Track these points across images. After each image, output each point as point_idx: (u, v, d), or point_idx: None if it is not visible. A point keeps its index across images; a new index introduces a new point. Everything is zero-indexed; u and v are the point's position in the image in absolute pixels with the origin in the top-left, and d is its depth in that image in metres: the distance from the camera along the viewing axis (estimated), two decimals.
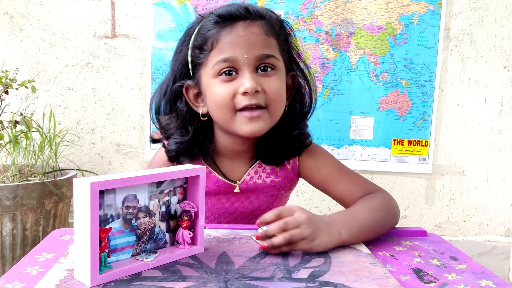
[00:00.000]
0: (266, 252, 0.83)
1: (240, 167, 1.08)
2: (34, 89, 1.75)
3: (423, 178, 2.16)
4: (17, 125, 1.69)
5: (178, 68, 1.02)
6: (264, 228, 0.83)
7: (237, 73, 0.93)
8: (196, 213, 0.80)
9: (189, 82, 1.01)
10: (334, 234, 0.84)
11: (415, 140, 2.10)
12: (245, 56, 0.92)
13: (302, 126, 1.07)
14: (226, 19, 0.94)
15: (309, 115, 1.09)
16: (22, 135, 1.73)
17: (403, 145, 2.10)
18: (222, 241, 0.88)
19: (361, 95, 2.07)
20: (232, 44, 0.92)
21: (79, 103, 2.13)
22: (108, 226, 0.69)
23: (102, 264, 0.68)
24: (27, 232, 1.62)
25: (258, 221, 0.83)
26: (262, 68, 0.94)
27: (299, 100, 1.07)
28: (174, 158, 1.05)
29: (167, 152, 1.05)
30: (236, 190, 1.07)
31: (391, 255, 0.88)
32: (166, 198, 0.78)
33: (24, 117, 1.67)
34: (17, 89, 1.76)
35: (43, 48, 2.10)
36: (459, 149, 2.14)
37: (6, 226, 1.57)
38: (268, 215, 0.83)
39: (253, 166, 1.08)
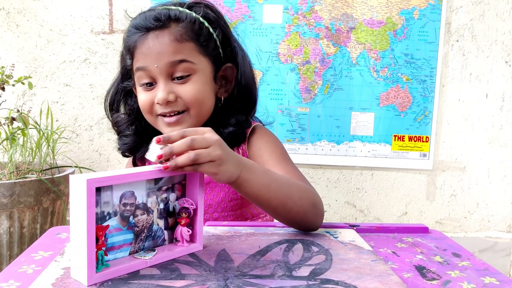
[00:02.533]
0: (266, 249, 0.82)
1: None
2: (30, 86, 1.74)
3: (424, 174, 2.15)
4: (14, 122, 1.68)
5: (122, 68, 1.11)
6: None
7: (155, 82, 0.99)
8: (195, 210, 0.79)
9: (132, 82, 1.08)
10: (238, 168, 0.78)
11: (415, 136, 2.09)
12: (155, 65, 0.97)
13: (239, 117, 1.09)
14: (140, 29, 0.99)
15: (254, 104, 1.13)
16: (19, 132, 1.72)
17: (404, 141, 2.08)
18: (222, 239, 0.87)
19: (362, 90, 2.06)
20: (144, 55, 0.98)
21: (77, 100, 2.12)
22: (105, 224, 0.68)
23: (99, 263, 0.67)
24: (24, 230, 1.61)
25: (159, 137, 0.72)
26: (177, 77, 0.99)
27: (241, 92, 1.09)
28: (129, 152, 1.14)
29: (119, 148, 1.14)
30: None
31: (393, 252, 0.88)
32: (164, 195, 0.77)
33: (21, 113, 1.66)
34: (13, 85, 1.74)
35: (40, 44, 2.09)
36: (460, 145, 2.13)
37: (3, 224, 1.56)
38: (174, 134, 0.72)
39: None
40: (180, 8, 1.01)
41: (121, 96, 1.12)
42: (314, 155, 2.09)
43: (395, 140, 2.09)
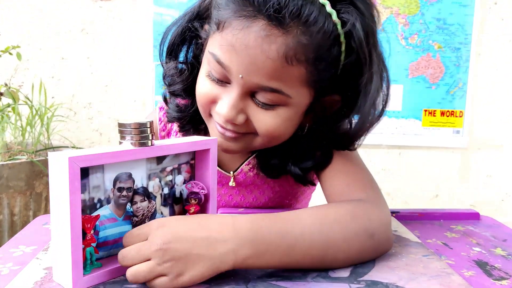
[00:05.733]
0: None
1: (239, 156, 0.91)
2: (19, 56, 1.66)
3: (457, 152, 2.10)
4: (1, 97, 1.59)
5: (200, 7, 0.80)
6: None
7: (229, 84, 0.72)
8: (207, 196, 0.70)
9: (206, 28, 0.79)
10: (223, 257, 0.58)
11: (448, 111, 2.04)
12: (240, 76, 0.69)
13: (323, 153, 0.83)
14: (245, 6, 0.67)
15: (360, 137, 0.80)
16: (9, 109, 1.63)
17: (435, 116, 2.05)
18: None
19: (388, 60, 1.94)
20: (232, 50, 0.68)
21: (74, 74, 2.06)
22: (95, 214, 0.58)
23: (88, 262, 0.57)
24: (15, 217, 1.56)
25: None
26: (259, 101, 0.72)
27: (333, 121, 0.81)
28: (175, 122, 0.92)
29: (167, 114, 0.90)
30: (231, 183, 0.90)
31: (443, 243, 0.78)
32: (169, 178, 0.67)
33: (9, 88, 1.56)
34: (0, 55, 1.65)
35: (33, 14, 2.01)
36: (497, 120, 2.08)
37: None
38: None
39: (253, 155, 0.90)
40: (327, 5, 0.67)
41: (187, 39, 0.82)
42: None
43: (425, 115, 2.04)
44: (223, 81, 0.72)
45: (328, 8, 0.66)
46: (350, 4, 0.68)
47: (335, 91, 0.76)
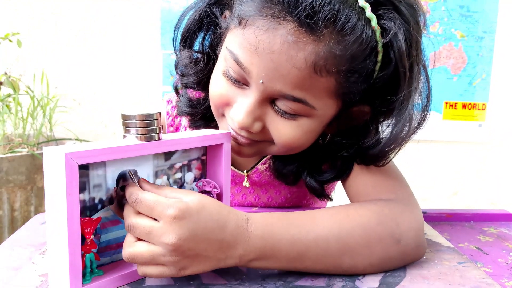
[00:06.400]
0: None
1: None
2: (19, 43, 1.63)
3: (479, 147, 2.07)
4: (1, 86, 1.56)
5: None
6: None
7: (247, 86, 0.67)
8: (219, 195, 0.66)
9: (226, 14, 0.72)
10: (228, 259, 0.56)
11: (470, 103, 2.01)
12: (261, 81, 0.63)
13: (345, 162, 0.77)
14: (273, 3, 0.60)
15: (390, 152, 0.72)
16: (10, 100, 1.60)
17: (457, 108, 2.01)
18: None
19: None
20: (253, 52, 0.62)
21: (78, 63, 2.03)
22: (95, 216, 0.54)
23: (88, 270, 0.53)
24: (15, 213, 1.55)
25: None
26: (279, 108, 0.66)
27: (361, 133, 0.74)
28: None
29: (177, 107, 0.85)
30: (245, 183, 0.87)
31: (477, 248, 0.74)
32: (179, 175, 0.64)
33: (9, 77, 1.52)
34: None
35: (36, 6, 1.99)
36: None
37: None
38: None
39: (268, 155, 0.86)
40: (367, 9, 0.61)
41: (205, 26, 0.76)
42: None
43: (446, 107, 2.01)
44: (241, 82, 0.67)
45: (368, 12, 0.60)
46: (394, 10, 0.61)
47: (366, 101, 0.70)
